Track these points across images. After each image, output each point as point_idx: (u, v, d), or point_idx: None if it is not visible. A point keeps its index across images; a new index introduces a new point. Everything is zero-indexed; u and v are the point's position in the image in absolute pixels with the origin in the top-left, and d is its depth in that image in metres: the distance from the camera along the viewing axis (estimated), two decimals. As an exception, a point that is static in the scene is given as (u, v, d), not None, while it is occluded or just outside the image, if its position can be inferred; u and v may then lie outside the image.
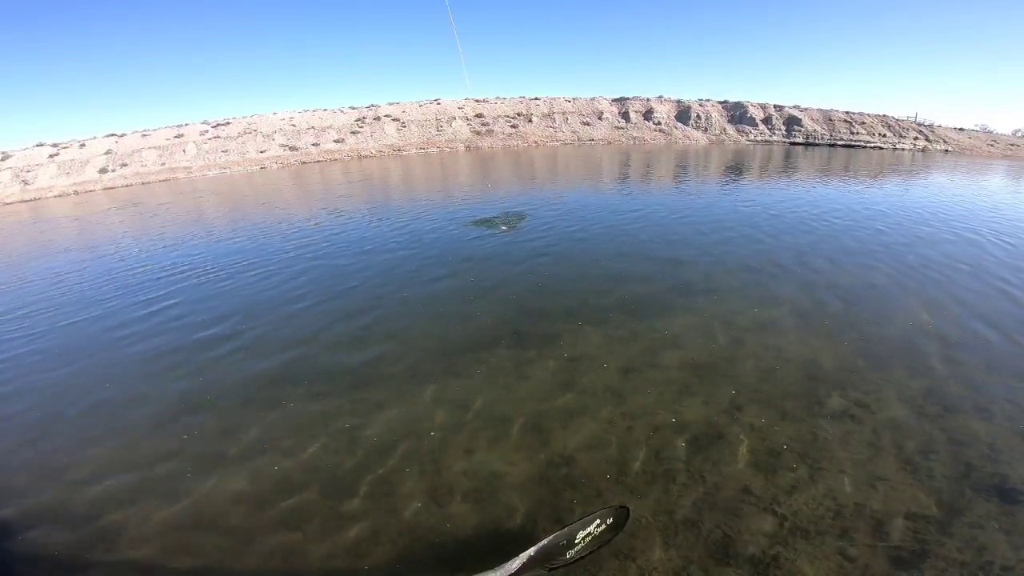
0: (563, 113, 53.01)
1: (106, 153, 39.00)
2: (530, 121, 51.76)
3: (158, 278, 9.21)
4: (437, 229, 11.81)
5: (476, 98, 54.93)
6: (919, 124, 51.70)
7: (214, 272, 9.38)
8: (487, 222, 12.11)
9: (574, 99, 55.91)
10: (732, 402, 4.68)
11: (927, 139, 48.72)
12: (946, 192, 17.82)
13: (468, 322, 6.49)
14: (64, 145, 39.35)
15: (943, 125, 52.88)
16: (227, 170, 37.68)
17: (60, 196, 31.15)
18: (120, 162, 38.35)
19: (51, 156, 37.37)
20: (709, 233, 10.75)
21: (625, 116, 53.36)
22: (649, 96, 56.00)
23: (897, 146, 47.18)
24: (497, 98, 55.70)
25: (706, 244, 9.85)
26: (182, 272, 9.57)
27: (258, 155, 41.77)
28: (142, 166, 38.45)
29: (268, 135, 44.20)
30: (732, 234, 10.61)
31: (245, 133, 43.92)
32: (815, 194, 16.61)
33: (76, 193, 31.63)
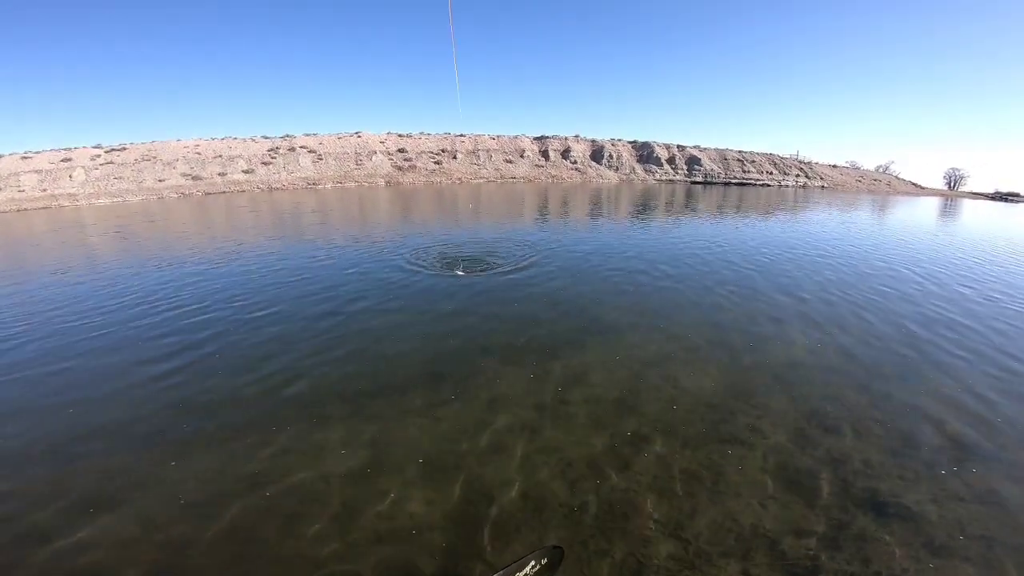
0: (487, 150, 54.25)
1: (-27, 176, 34.55)
2: (454, 158, 52.42)
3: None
4: (354, 268, 11.41)
5: (399, 133, 54.99)
6: (800, 161, 58.64)
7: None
8: (408, 261, 11.91)
9: (498, 137, 57.59)
10: (637, 433, 4.82)
11: (807, 176, 55.25)
12: (819, 225, 20.43)
13: (382, 364, 6.28)
14: (-81, 167, 34.50)
15: (820, 162, 60.34)
16: (120, 199, 34.56)
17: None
18: (-10, 186, 34.05)
19: (-102, 180, 32.53)
20: (616, 273, 11.28)
21: (545, 154, 55.67)
22: (567, 135, 59.15)
23: (782, 183, 53.05)
24: (421, 133, 56.04)
25: (615, 282, 10.27)
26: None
27: (157, 184, 38.78)
28: (19, 191, 34.34)
29: (169, 163, 41.28)
30: (629, 274, 11.12)
31: (143, 160, 40.74)
32: (708, 230, 18.15)
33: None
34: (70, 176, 37.02)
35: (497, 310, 8.28)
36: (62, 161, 38.17)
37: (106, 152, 40.96)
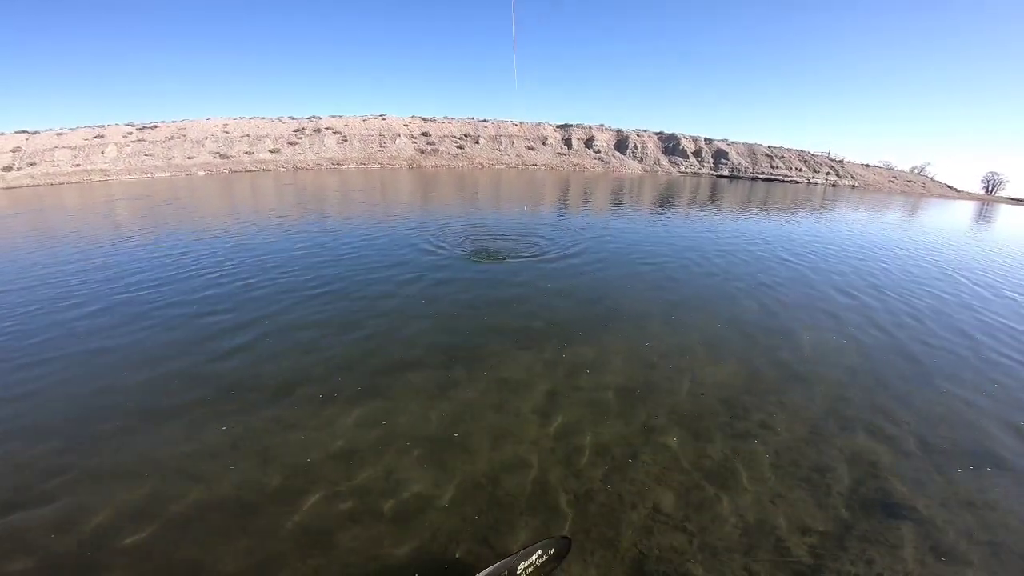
0: (510, 136, 53.92)
1: (13, 151, 35.66)
2: (477, 143, 52.24)
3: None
4: (372, 251, 11.55)
5: (423, 116, 55.01)
6: (831, 159, 56.88)
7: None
8: (427, 243, 12.04)
9: (521, 123, 57.13)
10: (647, 423, 4.80)
11: (837, 174, 53.65)
12: (859, 225, 19.98)
13: (391, 343, 6.33)
14: (-37, 140, 35.77)
15: (852, 161, 58.50)
16: (149, 175, 35.38)
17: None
18: (28, 160, 35.13)
19: (-56, 151, 33.79)
20: (635, 263, 11.21)
21: (568, 143, 55.04)
22: (591, 124, 58.27)
23: (811, 180, 51.63)
24: (445, 118, 55.93)
25: (628, 274, 10.18)
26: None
27: (185, 161, 39.54)
28: (53, 166, 35.41)
29: (198, 141, 42.02)
30: (651, 264, 11.07)
31: (173, 137, 41.54)
32: (733, 227, 17.79)
33: (-29, 192, 28.53)
34: (102, 152, 37.97)
35: (513, 294, 8.29)
36: (95, 138, 39.14)
37: (138, 130, 41.87)
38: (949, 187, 57.46)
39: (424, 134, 51.59)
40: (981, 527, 3.70)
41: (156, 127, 42.90)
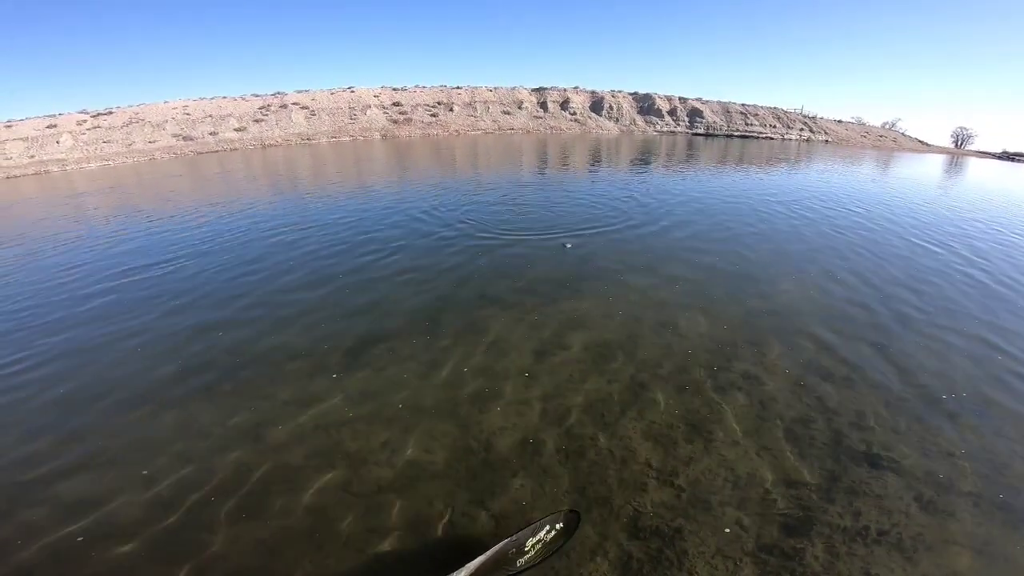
0: (485, 102, 52.89)
1: (-40, 145, 33.76)
2: (451, 110, 51.14)
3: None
4: (346, 218, 11.37)
5: (393, 87, 53.55)
6: (805, 116, 56.90)
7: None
8: (403, 210, 11.90)
9: (496, 88, 56.01)
10: (634, 379, 4.87)
11: (811, 130, 53.78)
12: (810, 179, 20.24)
13: (379, 312, 6.30)
14: (-96, 135, 33.70)
15: (824, 117, 58.54)
16: (110, 162, 33.91)
17: None
18: (-22, 155, 33.34)
19: None
20: (614, 218, 11.24)
21: (543, 106, 54.16)
22: (566, 86, 57.28)
23: (785, 136, 51.73)
24: (416, 87, 54.62)
25: (609, 230, 10.26)
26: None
27: (147, 146, 37.92)
28: (5, 159, 33.69)
29: (158, 124, 40.28)
30: (629, 220, 11.15)
31: (131, 123, 39.70)
32: (704, 184, 17.81)
33: (-82, 191, 26.99)
34: (57, 142, 36.23)
35: (494, 256, 8.32)
36: (47, 128, 37.27)
37: (92, 117, 39.91)
38: (920, 141, 57.95)
39: (396, 104, 50.26)
40: (962, 477, 3.78)
41: (112, 113, 40.89)
